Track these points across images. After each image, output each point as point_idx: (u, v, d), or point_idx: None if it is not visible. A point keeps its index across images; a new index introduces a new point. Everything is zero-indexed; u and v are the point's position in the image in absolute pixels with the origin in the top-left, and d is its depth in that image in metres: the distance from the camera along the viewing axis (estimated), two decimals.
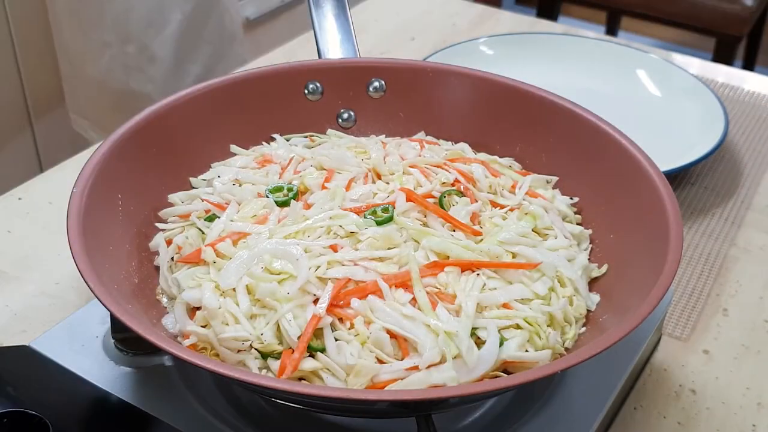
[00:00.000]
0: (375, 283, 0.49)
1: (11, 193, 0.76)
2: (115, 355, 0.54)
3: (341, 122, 0.67)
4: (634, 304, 0.48)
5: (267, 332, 0.47)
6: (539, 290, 0.51)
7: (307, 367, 0.46)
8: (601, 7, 2.27)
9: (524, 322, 0.49)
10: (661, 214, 0.53)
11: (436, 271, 0.50)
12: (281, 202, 0.56)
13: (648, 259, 0.51)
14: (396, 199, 0.55)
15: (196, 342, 0.49)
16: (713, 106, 0.85)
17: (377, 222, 0.53)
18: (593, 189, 0.60)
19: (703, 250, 0.73)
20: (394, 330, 0.47)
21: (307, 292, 0.49)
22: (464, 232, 0.54)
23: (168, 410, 0.51)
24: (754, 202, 0.79)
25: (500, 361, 0.47)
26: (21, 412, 0.48)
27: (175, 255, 0.54)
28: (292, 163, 0.60)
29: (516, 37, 0.98)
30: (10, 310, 0.63)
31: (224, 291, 0.49)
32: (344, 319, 0.48)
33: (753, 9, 2.00)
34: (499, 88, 0.65)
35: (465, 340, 0.46)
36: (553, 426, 0.51)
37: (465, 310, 0.48)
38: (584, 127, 0.61)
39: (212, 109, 0.63)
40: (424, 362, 0.46)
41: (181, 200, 0.59)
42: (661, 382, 0.60)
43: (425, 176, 0.58)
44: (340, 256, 0.50)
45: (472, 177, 0.58)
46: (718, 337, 0.64)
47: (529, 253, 0.52)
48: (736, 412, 0.58)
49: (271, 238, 0.52)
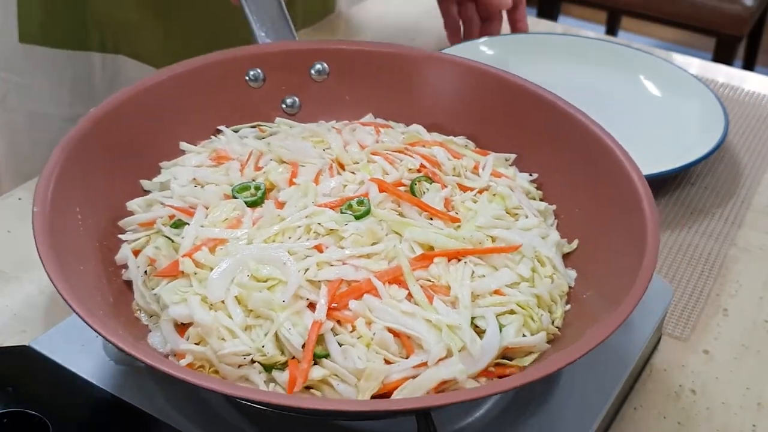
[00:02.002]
0: (368, 281, 0.48)
1: (11, 193, 0.76)
2: (115, 355, 0.54)
3: (286, 108, 0.66)
4: (618, 278, 0.48)
5: (268, 344, 0.46)
6: (524, 272, 0.51)
7: (316, 376, 0.46)
8: (601, 7, 2.27)
9: (518, 306, 0.49)
10: (628, 184, 0.54)
11: (426, 264, 0.50)
12: (251, 202, 0.54)
13: (622, 231, 0.52)
14: (368, 191, 0.54)
15: (192, 361, 0.47)
16: (713, 106, 0.85)
17: (356, 217, 0.52)
18: (551, 164, 0.60)
19: (703, 250, 0.73)
20: (397, 329, 0.47)
21: (300, 298, 0.48)
22: (443, 220, 0.53)
23: (168, 410, 0.51)
24: (754, 202, 0.79)
25: (502, 348, 0.48)
26: (21, 412, 0.48)
27: (148, 268, 0.52)
28: (251, 158, 0.58)
29: (516, 37, 0.98)
30: (10, 310, 0.63)
31: (213, 304, 0.48)
32: (343, 322, 0.47)
33: (753, 9, 2.00)
34: (444, 65, 0.65)
35: (468, 332, 0.47)
36: (553, 426, 0.51)
37: (462, 301, 0.48)
38: (536, 102, 0.61)
39: (155, 106, 0.60)
40: (432, 358, 0.46)
41: (139, 207, 0.56)
42: (661, 382, 0.60)
43: (390, 163, 0.57)
44: (328, 257, 0.49)
45: (436, 161, 0.58)
46: (718, 337, 0.64)
47: (507, 235, 0.53)
48: (736, 412, 0.58)
49: (250, 243, 0.51)
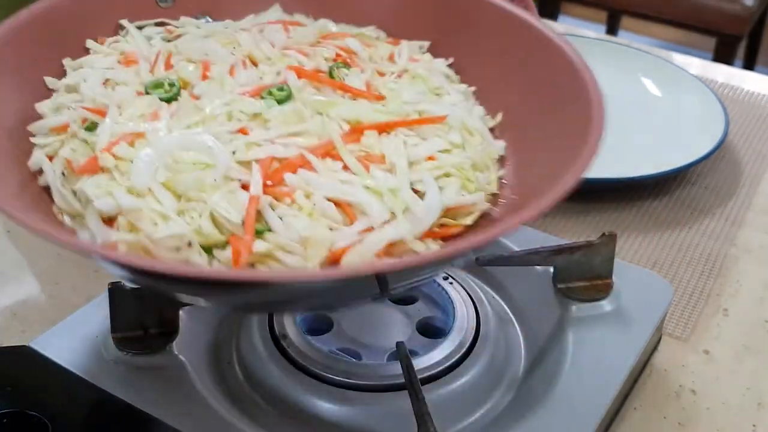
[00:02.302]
0: (301, 156, 0.47)
1: None
2: (114, 355, 0.54)
3: (160, 2, 0.62)
4: (561, 139, 0.48)
5: (205, 223, 0.44)
6: (455, 140, 0.51)
7: (259, 249, 0.43)
8: (601, 7, 2.27)
9: (453, 169, 0.49)
10: (552, 49, 0.54)
11: (357, 137, 0.49)
12: (166, 98, 0.51)
13: (551, 95, 0.52)
14: (287, 78, 0.53)
15: (126, 251, 0.44)
16: (713, 106, 0.85)
17: (278, 101, 0.51)
18: (468, 50, 0.60)
19: (703, 250, 0.73)
20: (337, 198, 0.45)
21: (231, 179, 0.46)
22: (367, 98, 0.53)
23: (168, 410, 0.51)
24: (754, 202, 0.79)
25: (444, 207, 0.47)
26: (21, 412, 0.48)
27: (65, 170, 0.48)
28: (159, 57, 0.55)
29: None
30: (10, 310, 0.63)
31: (139, 192, 0.45)
32: (280, 198, 0.45)
33: (753, 9, 2.00)
34: None
35: (409, 194, 0.47)
36: (553, 426, 0.51)
37: (399, 166, 0.48)
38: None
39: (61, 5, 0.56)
40: (376, 222, 0.45)
41: (49, 110, 0.53)
42: (661, 382, 0.60)
43: (304, 56, 0.57)
44: (255, 138, 0.48)
45: (351, 50, 0.58)
46: (718, 337, 0.64)
47: (434, 109, 0.53)
48: (736, 412, 0.58)
49: (171, 133, 0.48)
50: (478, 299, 0.58)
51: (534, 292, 0.60)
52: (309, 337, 0.54)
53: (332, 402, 0.51)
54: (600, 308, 0.59)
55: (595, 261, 0.59)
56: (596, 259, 0.59)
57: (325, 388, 0.51)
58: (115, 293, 0.54)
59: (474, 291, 0.59)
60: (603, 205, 0.78)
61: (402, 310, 0.59)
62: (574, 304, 0.59)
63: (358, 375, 0.52)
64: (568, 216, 0.76)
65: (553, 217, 0.75)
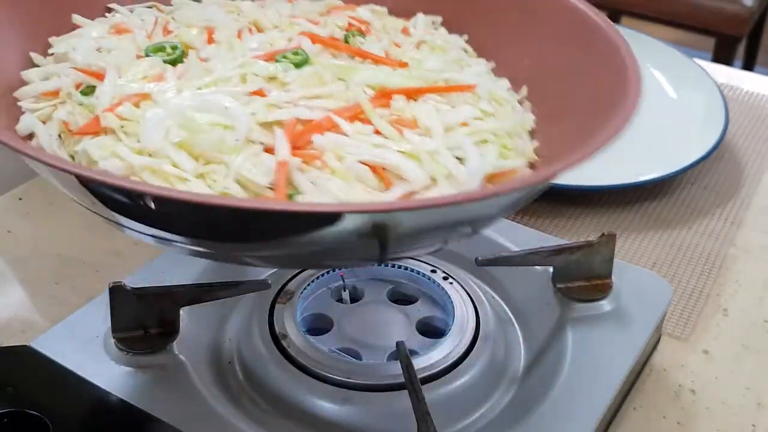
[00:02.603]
0: (328, 119, 0.43)
1: (11, 193, 0.76)
2: (115, 355, 0.54)
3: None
4: (595, 103, 0.45)
5: (233, 186, 0.40)
6: (487, 108, 0.48)
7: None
8: (601, 7, 2.27)
9: (491, 135, 0.46)
10: (585, 21, 0.51)
11: (386, 102, 0.45)
12: (170, 60, 0.48)
13: (578, 61, 0.50)
14: (301, 44, 0.49)
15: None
16: (713, 106, 0.85)
17: (295, 64, 0.47)
18: (486, 24, 0.57)
19: (703, 250, 0.73)
20: (372, 161, 0.41)
21: (252, 142, 0.42)
22: (389, 65, 0.49)
23: (168, 410, 0.51)
24: (754, 202, 0.79)
25: (486, 174, 0.44)
26: (21, 412, 0.48)
27: (62, 133, 0.45)
28: (157, 25, 0.51)
29: None
30: (10, 310, 0.63)
31: (151, 153, 0.41)
32: (309, 161, 0.41)
33: (753, 9, 2.00)
34: None
35: (450, 158, 0.43)
36: (552, 426, 0.51)
37: (434, 130, 0.44)
38: None
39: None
40: (418, 185, 0.41)
41: (37, 77, 0.49)
42: (660, 382, 0.60)
43: (315, 24, 0.52)
44: (275, 99, 0.44)
45: (364, 20, 0.55)
46: (718, 337, 0.64)
47: (460, 77, 0.50)
48: (736, 412, 0.58)
49: (181, 92, 0.44)
50: (478, 299, 0.58)
51: (533, 292, 0.60)
52: (309, 336, 0.54)
53: (332, 402, 0.51)
54: (599, 308, 0.59)
55: (595, 261, 0.60)
56: (596, 259, 0.59)
57: (325, 388, 0.52)
58: (115, 293, 0.54)
59: (473, 291, 0.59)
60: (602, 205, 0.78)
61: (402, 310, 0.59)
62: (574, 304, 0.59)
63: (358, 375, 0.52)
64: (567, 216, 0.76)
65: (553, 217, 0.75)
